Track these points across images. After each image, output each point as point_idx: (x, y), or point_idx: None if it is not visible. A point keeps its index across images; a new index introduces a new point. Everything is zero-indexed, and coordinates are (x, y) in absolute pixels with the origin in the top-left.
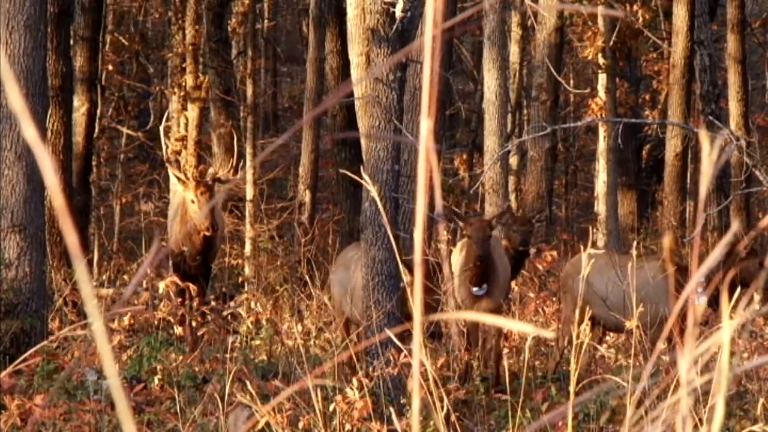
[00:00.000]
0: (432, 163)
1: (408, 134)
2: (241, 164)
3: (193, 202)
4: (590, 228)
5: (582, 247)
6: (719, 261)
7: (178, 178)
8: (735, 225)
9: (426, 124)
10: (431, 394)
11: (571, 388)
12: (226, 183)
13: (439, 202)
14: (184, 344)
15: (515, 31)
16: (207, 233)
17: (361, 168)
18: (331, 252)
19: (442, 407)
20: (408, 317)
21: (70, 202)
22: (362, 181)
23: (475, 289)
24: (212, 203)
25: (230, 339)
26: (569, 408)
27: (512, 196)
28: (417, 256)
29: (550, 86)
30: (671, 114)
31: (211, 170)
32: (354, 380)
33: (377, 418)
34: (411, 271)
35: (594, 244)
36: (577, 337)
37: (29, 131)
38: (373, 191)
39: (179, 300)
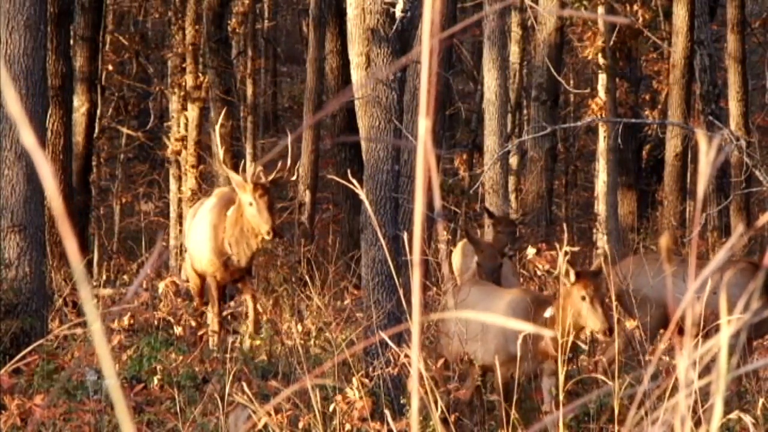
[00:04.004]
0: (431, 163)
1: (408, 134)
2: (281, 168)
3: (251, 204)
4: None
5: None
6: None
7: (234, 180)
8: (739, 227)
9: (424, 124)
10: (427, 393)
11: (560, 392)
12: (283, 184)
13: (438, 202)
14: (184, 344)
15: (515, 31)
16: (267, 237)
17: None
18: (331, 252)
19: (438, 408)
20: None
21: (70, 203)
22: (350, 185)
23: None
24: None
25: (230, 339)
26: (560, 414)
27: (512, 196)
28: (416, 256)
29: (550, 86)
30: (671, 114)
31: (259, 169)
32: (354, 380)
33: (377, 418)
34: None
35: (594, 245)
36: (563, 336)
37: (28, 138)
38: (362, 194)
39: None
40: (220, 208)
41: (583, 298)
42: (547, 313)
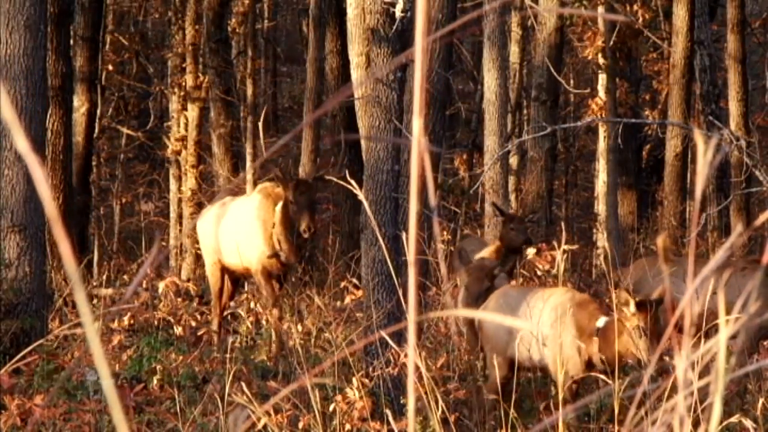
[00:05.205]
0: (425, 161)
1: (407, 134)
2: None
3: (292, 203)
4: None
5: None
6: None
7: (278, 178)
8: (738, 227)
9: (418, 123)
10: (427, 394)
11: (560, 395)
12: (328, 182)
13: (432, 198)
14: (184, 344)
15: (515, 31)
16: (305, 235)
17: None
18: (331, 252)
19: (438, 408)
20: None
21: (70, 203)
22: (347, 185)
23: None
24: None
25: (230, 339)
26: (560, 414)
27: (512, 196)
28: (410, 255)
29: (550, 86)
30: (671, 114)
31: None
32: (354, 380)
33: (377, 418)
34: None
35: (594, 245)
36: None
37: (21, 143)
38: (361, 195)
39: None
40: (268, 204)
41: (640, 329)
42: (600, 322)
